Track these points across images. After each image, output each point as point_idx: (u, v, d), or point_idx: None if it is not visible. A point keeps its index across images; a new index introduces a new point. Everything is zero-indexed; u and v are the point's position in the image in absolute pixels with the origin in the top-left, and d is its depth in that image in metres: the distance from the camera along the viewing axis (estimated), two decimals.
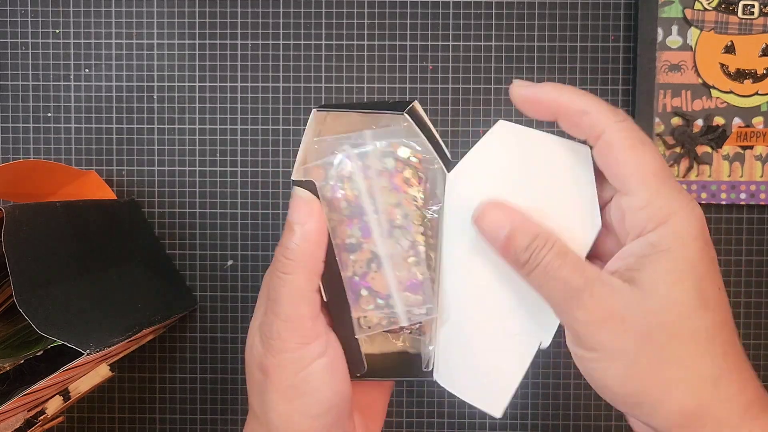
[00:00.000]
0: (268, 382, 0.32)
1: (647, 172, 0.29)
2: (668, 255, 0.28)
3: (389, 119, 0.34)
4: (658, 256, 0.28)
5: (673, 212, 0.28)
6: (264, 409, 0.33)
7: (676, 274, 0.28)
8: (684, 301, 0.28)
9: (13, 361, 0.42)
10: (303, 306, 0.31)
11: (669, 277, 0.28)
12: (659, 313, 0.28)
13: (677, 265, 0.28)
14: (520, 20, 0.53)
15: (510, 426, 0.54)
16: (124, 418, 0.54)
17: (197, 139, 0.54)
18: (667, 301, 0.28)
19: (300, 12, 0.53)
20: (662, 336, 0.28)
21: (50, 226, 0.41)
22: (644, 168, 0.29)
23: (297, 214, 0.32)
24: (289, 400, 0.32)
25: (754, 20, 0.51)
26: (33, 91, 0.54)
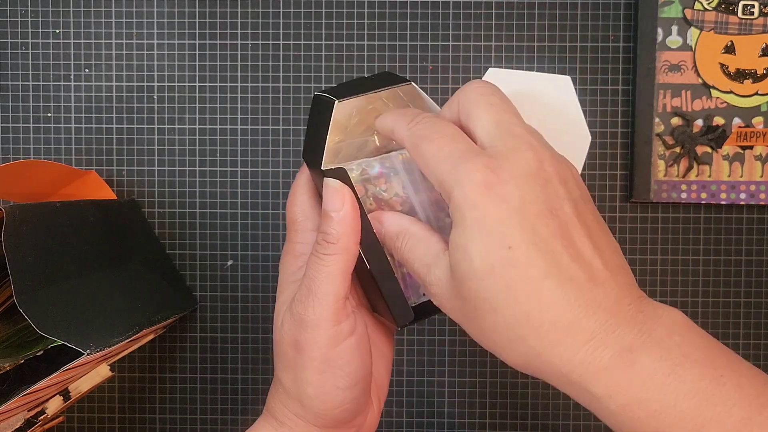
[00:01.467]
0: (303, 357, 0.35)
1: (432, 162, 0.31)
2: (455, 230, 0.30)
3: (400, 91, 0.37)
4: (452, 232, 0.30)
5: (452, 188, 0.30)
6: (297, 383, 0.35)
7: (461, 249, 0.29)
8: (470, 274, 0.29)
9: (13, 361, 0.42)
10: (340, 286, 0.34)
11: (457, 253, 0.29)
12: (460, 288, 0.30)
13: (461, 238, 0.29)
14: (520, 20, 0.53)
15: (510, 426, 0.54)
16: (124, 418, 0.54)
17: (197, 139, 0.54)
18: (461, 276, 0.29)
19: (300, 12, 0.53)
20: (469, 309, 0.30)
21: (50, 226, 0.41)
22: (429, 160, 0.31)
23: (331, 203, 0.34)
24: (322, 374, 0.34)
25: (754, 20, 0.51)
26: (33, 91, 0.54)
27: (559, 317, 0.28)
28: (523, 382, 0.54)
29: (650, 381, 0.27)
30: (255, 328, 0.54)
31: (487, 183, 0.29)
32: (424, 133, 0.32)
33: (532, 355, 0.29)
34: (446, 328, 0.54)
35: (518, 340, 0.29)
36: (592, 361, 0.28)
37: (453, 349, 0.54)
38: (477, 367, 0.54)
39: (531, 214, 0.29)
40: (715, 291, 0.53)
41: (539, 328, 0.28)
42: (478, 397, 0.54)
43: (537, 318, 0.28)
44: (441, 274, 0.31)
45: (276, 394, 0.38)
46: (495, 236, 0.28)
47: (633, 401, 0.27)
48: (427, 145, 0.31)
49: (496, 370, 0.54)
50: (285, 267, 0.38)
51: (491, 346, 0.30)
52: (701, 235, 0.53)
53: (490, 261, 0.28)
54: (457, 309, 0.31)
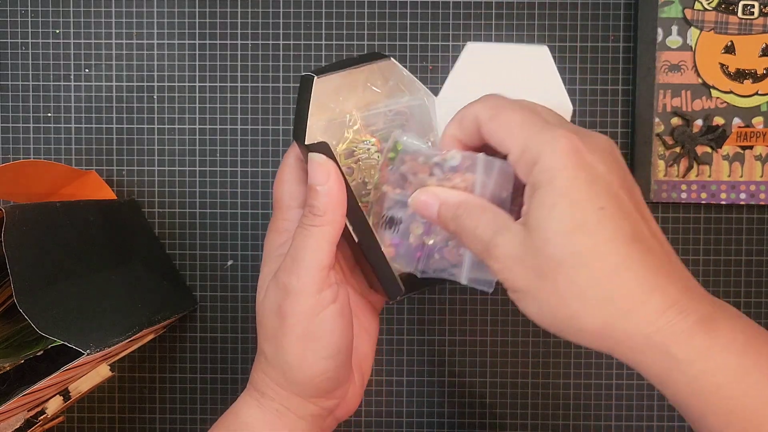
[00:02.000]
0: (285, 326, 0.36)
1: (512, 129, 0.32)
2: (541, 191, 0.30)
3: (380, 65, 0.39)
4: (535, 194, 0.31)
5: (539, 152, 0.30)
6: (279, 351, 0.37)
7: (548, 207, 0.30)
8: (558, 229, 0.30)
9: (13, 361, 0.42)
10: (324, 256, 0.35)
11: (543, 211, 0.30)
12: (543, 247, 0.30)
13: (548, 198, 0.30)
14: (520, 20, 0.53)
15: (510, 426, 0.54)
16: (124, 418, 0.54)
17: (197, 139, 0.54)
18: (546, 233, 0.30)
19: (300, 12, 0.53)
20: (552, 268, 0.30)
21: (50, 226, 0.41)
22: (508, 127, 0.32)
23: (317, 177, 0.36)
24: (304, 341, 0.36)
25: (753, 20, 0.51)
26: (33, 91, 0.54)
27: (646, 279, 0.29)
28: (523, 382, 0.54)
29: (732, 347, 0.29)
30: (255, 328, 0.54)
31: (576, 149, 0.30)
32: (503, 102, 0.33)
33: (616, 317, 0.29)
34: (446, 328, 0.54)
35: (603, 300, 0.29)
36: (677, 323, 0.29)
37: (453, 349, 0.54)
38: (477, 367, 0.54)
39: (614, 185, 0.30)
40: (715, 291, 0.53)
41: (626, 286, 0.29)
42: (478, 397, 0.54)
43: (625, 276, 0.29)
44: (510, 237, 0.31)
45: (258, 366, 0.39)
46: (586, 196, 0.30)
47: (714, 367, 0.29)
48: (510, 112, 0.32)
49: (496, 370, 0.54)
50: (269, 242, 0.39)
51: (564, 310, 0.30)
52: (701, 235, 0.53)
53: (583, 217, 0.29)
54: (528, 271, 0.31)
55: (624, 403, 0.54)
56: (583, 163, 0.30)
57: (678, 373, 0.29)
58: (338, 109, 0.39)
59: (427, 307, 0.54)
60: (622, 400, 0.54)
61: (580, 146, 0.30)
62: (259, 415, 0.38)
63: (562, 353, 0.54)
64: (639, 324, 0.29)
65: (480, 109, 0.34)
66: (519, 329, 0.54)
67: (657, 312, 0.29)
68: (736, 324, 0.30)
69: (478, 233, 0.33)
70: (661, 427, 0.54)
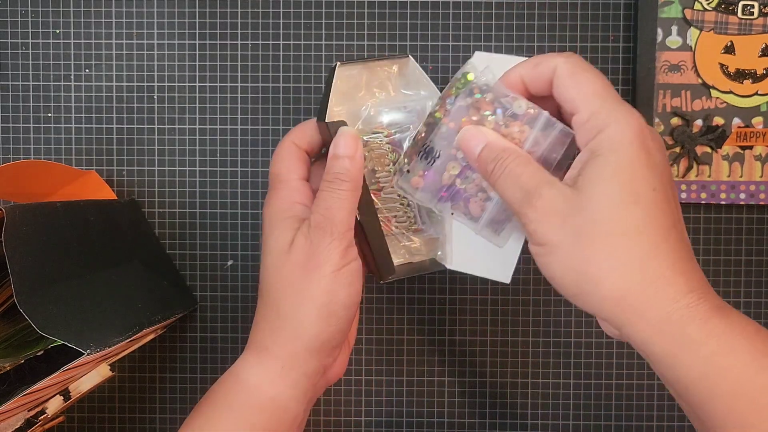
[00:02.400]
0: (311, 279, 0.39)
1: (588, 92, 0.33)
2: (602, 158, 0.32)
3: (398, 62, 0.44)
4: (594, 160, 0.32)
5: (611, 121, 0.32)
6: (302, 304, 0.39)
7: (607, 175, 0.31)
8: (613, 197, 0.31)
9: (13, 361, 0.42)
10: (350, 216, 0.39)
11: (600, 178, 0.32)
12: (591, 209, 0.31)
13: (609, 167, 0.32)
14: (520, 20, 0.53)
15: (510, 426, 0.54)
16: (124, 417, 0.54)
17: (197, 139, 0.54)
18: (598, 197, 0.31)
19: (300, 12, 0.53)
20: (594, 229, 0.31)
21: (50, 226, 0.42)
22: (586, 89, 0.34)
23: (346, 147, 0.40)
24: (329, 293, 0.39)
25: (753, 20, 0.51)
26: (33, 91, 0.54)
27: (677, 262, 0.31)
28: (523, 382, 0.54)
29: (744, 332, 0.30)
30: None
31: (642, 130, 0.32)
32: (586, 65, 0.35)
33: (643, 288, 0.31)
34: (446, 328, 0.54)
35: (637, 270, 0.31)
36: (696, 306, 0.31)
37: (453, 349, 0.54)
38: (477, 367, 0.54)
39: (665, 176, 0.32)
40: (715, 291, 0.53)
41: (660, 263, 0.31)
42: (478, 397, 0.54)
43: (661, 255, 0.31)
44: (556, 192, 0.33)
45: (265, 324, 0.40)
46: (645, 175, 0.32)
47: (726, 349, 0.30)
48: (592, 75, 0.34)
49: (496, 370, 0.54)
50: (273, 210, 0.41)
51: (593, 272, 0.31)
52: (701, 235, 0.53)
53: (639, 193, 0.31)
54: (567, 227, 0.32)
55: (624, 403, 0.54)
56: (646, 145, 0.32)
57: (690, 353, 0.30)
58: (358, 99, 0.44)
59: (427, 307, 0.54)
60: (622, 400, 0.54)
61: (646, 130, 0.32)
62: (261, 373, 0.40)
63: (562, 353, 0.54)
64: (662, 300, 0.31)
65: (562, 61, 0.35)
66: (519, 329, 0.54)
67: (681, 293, 0.31)
68: (744, 317, 0.32)
69: (522, 180, 0.34)
70: (661, 427, 0.54)
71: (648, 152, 0.32)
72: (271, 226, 0.41)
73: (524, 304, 0.54)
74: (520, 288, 0.54)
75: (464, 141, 0.37)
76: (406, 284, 0.54)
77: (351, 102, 0.44)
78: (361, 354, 0.54)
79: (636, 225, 0.31)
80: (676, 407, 0.54)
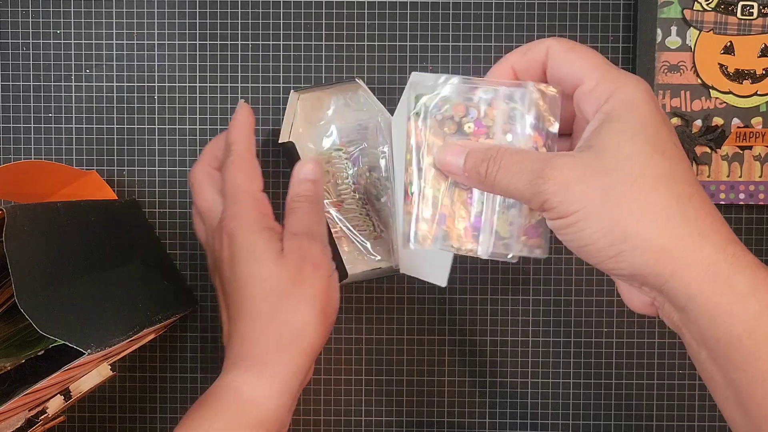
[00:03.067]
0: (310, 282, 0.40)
1: (591, 62, 0.33)
2: (620, 118, 0.31)
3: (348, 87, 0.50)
4: (611, 121, 0.31)
5: (621, 84, 0.32)
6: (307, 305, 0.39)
7: (629, 132, 0.30)
8: (639, 151, 0.30)
9: (14, 361, 0.42)
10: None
11: (623, 135, 0.31)
12: (617, 166, 0.30)
13: (629, 124, 0.31)
14: (520, 20, 0.53)
15: (510, 426, 0.54)
16: (125, 417, 0.54)
17: (197, 140, 0.54)
18: (624, 154, 0.30)
19: (300, 12, 0.53)
20: (624, 185, 0.30)
21: (51, 226, 0.42)
22: (588, 60, 0.33)
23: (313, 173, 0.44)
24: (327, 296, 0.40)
25: (753, 21, 0.51)
26: (33, 91, 0.54)
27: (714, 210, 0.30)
28: (523, 381, 0.54)
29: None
30: None
31: (650, 94, 0.32)
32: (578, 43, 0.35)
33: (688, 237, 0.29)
34: (446, 328, 0.54)
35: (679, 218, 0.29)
36: (741, 257, 0.29)
37: (453, 349, 0.54)
38: (477, 367, 0.54)
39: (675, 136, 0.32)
40: None
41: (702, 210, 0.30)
42: (478, 397, 0.55)
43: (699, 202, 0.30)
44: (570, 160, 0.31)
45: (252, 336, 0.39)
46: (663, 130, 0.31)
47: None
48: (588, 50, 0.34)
49: (496, 369, 0.54)
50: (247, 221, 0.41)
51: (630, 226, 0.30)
52: None
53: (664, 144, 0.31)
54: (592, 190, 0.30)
55: (624, 403, 0.54)
56: (658, 105, 0.32)
57: (738, 306, 0.28)
58: (317, 122, 0.50)
59: (427, 307, 0.54)
60: (622, 400, 0.54)
61: (652, 94, 0.32)
62: (266, 386, 0.38)
63: (562, 353, 0.54)
64: (708, 249, 0.29)
65: (554, 42, 0.34)
66: (519, 329, 0.54)
67: (725, 241, 0.29)
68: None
69: (525, 164, 0.32)
70: (661, 427, 0.54)
71: (661, 112, 0.32)
72: (251, 237, 0.40)
73: (524, 304, 0.54)
74: (520, 288, 0.54)
75: (442, 159, 0.36)
76: (406, 284, 0.54)
77: (312, 125, 0.50)
78: (361, 354, 0.54)
79: (668, 173, 0.30)
80: (676, 407, 0.54)
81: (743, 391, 0.29)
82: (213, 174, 0.44)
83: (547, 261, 0.54)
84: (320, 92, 0.50)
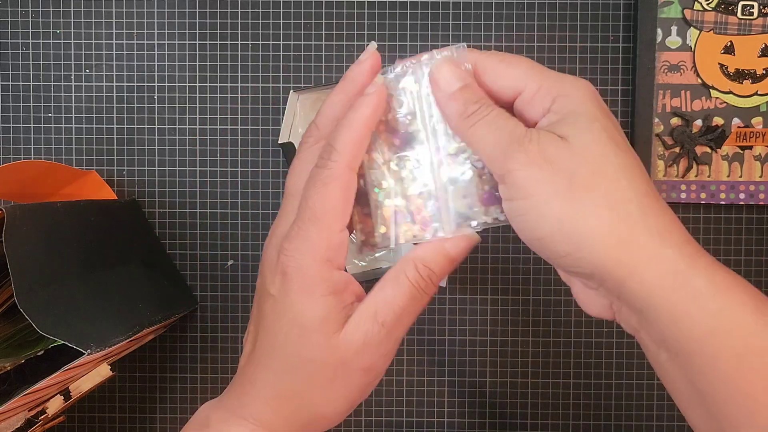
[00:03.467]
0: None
1: (525, 69, 0.32)
2: (574, 114, 0.30)
3: None
4: (565, 117, 0.30)
5: (565, 87, 0.31)
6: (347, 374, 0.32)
7: (586, 125, 0.30)
8: (599, 144, 0.30)
9: (14, 361, 0.42)
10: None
11: (582, 127, 0.30)
12: (581, 154, 0.29)
13: (585, 119, 0.30)
14: (520, 20, 0.53)
15: (509, 426, 0.54)
16: (125, 417, 0.54)
17: (197, 139, 0.54)
18: (585, 144, 0.30)
19: (300, 12, 0.53)
20: (587, 173, 0.29)
21: (51, 226, 0.42)
22: (521, 68, 0.32)
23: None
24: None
25: (753, 20, 0.51)
26: (33, 91, 0.54)
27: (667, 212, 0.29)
28: (523, 382, 0.54)
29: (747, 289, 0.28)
30: None
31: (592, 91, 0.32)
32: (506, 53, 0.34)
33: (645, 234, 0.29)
34: (446, 328, 0.54)
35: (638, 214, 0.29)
36: (700, 257, 0.28)
37: (453, 349, 0.54)
38: (477, 367, 0.54)
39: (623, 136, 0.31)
40: None
41: (661, 208, 0.29)
42: (478, 397, 0.54)
43: (657, 199, 0.29)
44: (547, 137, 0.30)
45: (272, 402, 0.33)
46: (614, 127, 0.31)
47: (737, 303, 0.28)
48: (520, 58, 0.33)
49: (496, 370, 0.54)
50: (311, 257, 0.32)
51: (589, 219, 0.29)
52: (701, 235, 0.53)
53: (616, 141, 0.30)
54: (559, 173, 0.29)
55: (624, 403, 0.54)
56: (602, 101, 0.31)
57: (698, 308, 0.28)
58: None
59: (427, 307, 0.54)
60: (622, 400, 0.54)
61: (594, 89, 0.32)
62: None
63: (561, 353, 0.54)
64: (667, 248, 0.28)
65: (482, 56, 0.33)
66: (519, 329, 0.54)
67: (683, 242, 0.29)
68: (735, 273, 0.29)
69: (509, 124, 0.31)
70: (661, 427, 0.54)
71: (608, 110, 0.31)
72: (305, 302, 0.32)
73: (524, 304, 0.54)
74: (520, 288, 0.54)
75: (439, 73, 0.32)
76: None
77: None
78: None
79: (628, 165, 0.30)
80: (676, 407, 0.54)
81: (706, 392, 0.28)
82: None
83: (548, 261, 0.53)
84: (320, 92, 0.50)
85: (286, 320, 0.32)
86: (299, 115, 0.50)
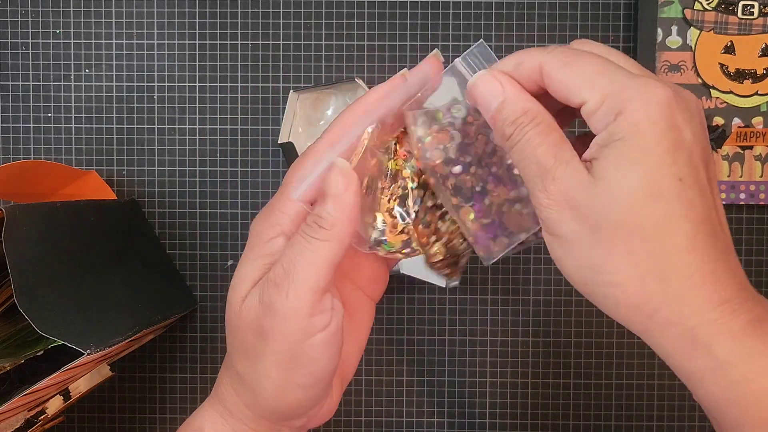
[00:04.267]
0: (265, 348, 0.31)
1: (590, 75, 0.28)
2: (622, 143, 0.27)
3: (348, 87, 0.50)
4: (613, 144, 0.27)
5: (628, 100, 0.27)
6: (255, 374, 0.32)
7: (626, 162, 0.27)
8: (632, 191, 0.27)
9: (13, 361, 0.42)
10: (322, 277, 0.30)
11: (619, 165, 0.27)
12: (607, 202, 0.27)
13: (629, 152, 0.27)
14: (520, 20, 0.53)
15: (510, 426, 0.54)
16: (124, 417, 0.54)
17: (197, 139, 0.54)
18: (616, 190, 0.27)
19: (300, 12, 0.53)
20: (609, 226, 0.27)
21: (50, 226, 0.42)
22: (586, 73, 0.28)
23: (336, 184, 0.30)
24: (285, 370, 0.31)
25: (753, 20, 0.51)
26: (33, 91, 0.54)
27: (704, 266, 0.27)
28: (523, 382, 0.54)
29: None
30: None
31: (669, 104, 0.27)
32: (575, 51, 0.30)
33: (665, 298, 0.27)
34: (446, 328, 0.54)
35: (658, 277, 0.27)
36: (725, 323, 0.26)
37: (453, 349, 0.54)
38: (477, 367, 0.54)
39: (696, 155, 0.27)
40: None
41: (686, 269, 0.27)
42: (478, 397, 0.54)
43: (687, 259, 0.27)
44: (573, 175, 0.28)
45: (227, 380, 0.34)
46: (670, 162, 0.27)
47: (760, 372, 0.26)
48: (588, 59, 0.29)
49: (496, 370, 0.54)
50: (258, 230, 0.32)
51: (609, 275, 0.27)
52: None
53: (662, 186, 0.27)
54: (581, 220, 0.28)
55: (624, 403, 0.54)
56: (673, 123, 0.27)
57: (717, 375, 0.27)
58: (318, 121, 0.49)
59: (427, 307, 0.54)
60: (622, 400, 0.54)
61: (673, 102, 0.27)
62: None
63: (562, 353, 0.54)
64: (686, 314, 0.27)
65: (547, 56, 0.29)
66: (519, 329, 0.54)
67: (710, 304, 0.27)
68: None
69: (538, 153, 0.28)
70: (661, 427, 0.54)
71: (675, 131, 0.27)
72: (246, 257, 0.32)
73: (524, 304, 0.54)
74: (520, 288, 0.54)
75: (477, 90, 0.31)
76: (406, 284, 0.54)
77: (312, 125, 0.49)
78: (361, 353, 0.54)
79: (657, 225, 0.27)
80: (677, 407, 0.54)
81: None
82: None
83: (547, 262, 0.54)
84: (320, 92, 0.50)
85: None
86: (299, 115, 0.50)
